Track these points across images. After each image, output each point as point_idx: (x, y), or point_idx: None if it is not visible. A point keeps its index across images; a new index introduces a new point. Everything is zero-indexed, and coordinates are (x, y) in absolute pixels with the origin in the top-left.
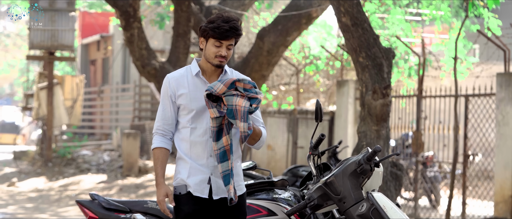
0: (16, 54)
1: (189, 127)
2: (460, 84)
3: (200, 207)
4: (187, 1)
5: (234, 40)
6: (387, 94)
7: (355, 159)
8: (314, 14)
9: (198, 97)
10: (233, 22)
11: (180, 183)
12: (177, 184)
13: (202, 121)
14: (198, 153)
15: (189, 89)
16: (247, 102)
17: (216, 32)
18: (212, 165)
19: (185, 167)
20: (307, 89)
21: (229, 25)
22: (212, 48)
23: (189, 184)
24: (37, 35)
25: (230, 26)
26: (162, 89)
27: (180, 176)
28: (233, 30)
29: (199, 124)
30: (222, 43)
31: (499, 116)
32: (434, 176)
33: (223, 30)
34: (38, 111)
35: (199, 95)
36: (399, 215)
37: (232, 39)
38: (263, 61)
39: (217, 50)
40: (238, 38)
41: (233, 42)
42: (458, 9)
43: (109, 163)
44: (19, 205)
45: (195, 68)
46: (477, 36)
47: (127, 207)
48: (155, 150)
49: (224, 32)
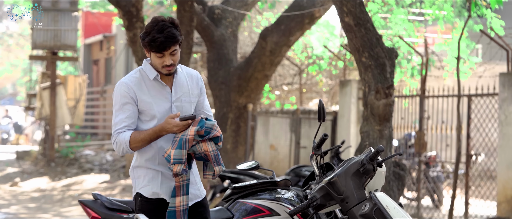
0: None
1: None
2: (463, 84)
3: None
4: (190, 1)
5: (177, 44)
6: (390, 94)
7: (358, 159)
8: (317, 14)
9: (161, 104)
10: (167, 30)
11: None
12: (147, 191)
13: None
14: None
15: (150, 94)
16: (212, 144)
17: (153, 46)
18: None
19: (156, 177)
20: (310, 89)
21: (164, 35)
22: (156, 59)
23: (164, 195)
24: (40, 35)
25: (166, 36)
26: (119, 94)
27: (151, 185)
28: (169, 39)
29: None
30: (163, 54)
31: (502, 116)
32: (437, 176)
33: (159, 43)
34: (41, 111)
35: (161, 99)
36: (402, 215)
37: (173, 46)
38: (266, 61)
39: (161, 61)
40: (180, 42)
41: (177, 47)
42: (461, 9)
43: (112, 163)
44: (21, 205)
45: (152, 72)
46: (480, 36)
47: (129, 207)
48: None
49: (160, 45)
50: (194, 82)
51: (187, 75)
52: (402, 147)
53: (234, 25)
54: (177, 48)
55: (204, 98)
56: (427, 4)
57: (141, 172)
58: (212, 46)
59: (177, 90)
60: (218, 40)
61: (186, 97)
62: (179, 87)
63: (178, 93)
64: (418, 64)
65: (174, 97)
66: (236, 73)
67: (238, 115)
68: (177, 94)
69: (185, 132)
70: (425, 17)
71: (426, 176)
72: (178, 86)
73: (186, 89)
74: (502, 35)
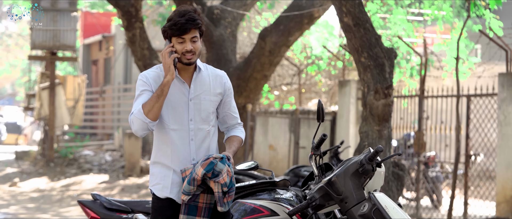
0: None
1: (169, 128)
2: (462, 84)
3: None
4: (189, 1)
5: (198, 31)
6: (389, 94)
7: (357, 159)
8: (316, 14)
9: (176, 96)
10: (189, 14)
11: (163, 189)
12: (157, 190)
13: (183, 123)
14: (180, 157)
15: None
16: (219, 186)
17: (174, 29)
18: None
19: (167, 175)
20: (309, 89)
21: (186, 18)
22: (177, 46)
23: (174, 194)
24: (39, 35)
25: (187, 19)
26: (138, 85)
27: (163, 183)
28: (190, 21)
29: (179, 126)
30: (184, 38)
31: (501, 116)
32: (436, 176)
33: (180, 25)
34: (40, 111)
35: (177, 94)
36: (401, 215)
37: (193, 31)
38: (265, 61)
39: (181, 46)
40: (201, 30)
41: (197, 34)
42: (460, 9)
43: (111, 163)
44: (21, 205)
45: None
46: (479, 36)
47: (129, 207)
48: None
49: (181, 26)
50: (218, 82)
51: (211, 74)
52: (401, 147)
53: (233, 25)
54: (197, 36)
55: (230, 99)
56: (426, 4)
57: (155, 169)
58: (211, 46)
59: (197, 87)
60: (217, 40)
61: (206, 95)
62: (200, 85)
63: (197, 91)
64: (417, 64)
65: (192, 94)
66: (235, 73)
67: None
68: (197, 91)
69: (194, 170)
70: (424, 17)
71: (425, 176)
72: (198, 83)
73: (207, 87)
74: (501, 35)
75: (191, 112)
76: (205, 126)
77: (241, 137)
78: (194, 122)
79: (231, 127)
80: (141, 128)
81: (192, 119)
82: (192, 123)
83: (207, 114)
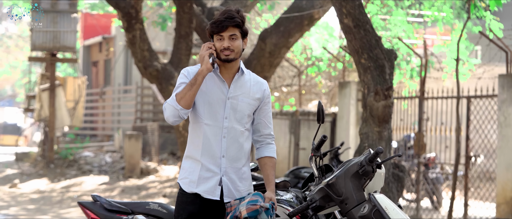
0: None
1: (203, 123)
2: (462, 86)
3: (208, 208)
4: (189, 3)
5: (238, 30)
6: (389, 95)
7: (357, 161)
8: (316, 15)
9: (214, 93)
10: (229, 12)
11: (190, 184)
12: (184, 184)
13: (217, 119)
14: (210, 152)
15: (206, 84)
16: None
17: (213, 26)
18: (225, 165)
19: (196, 169)
20: (309, 90)
21: (225, 16)
22: (216, 43)
23: (200, 189)
24: (39, 37)
25: (226, 17)
26: (180, 77)
27: (190, 177)
28: (228, 19)
29: (213, 122)
30: (222, 35)
31: (501, 117)
32: (436, 177)
33: (219, 22)
34: (40, 113)
35: (216, 91)
36: (401, 216)
37: (232, 29)
38: (265, 62)
39: (220, 44)
40: (240, 28)
41: (237, 31)
42: (460, 11)
43: (111, 165)
44: (21, 207)
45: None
46: (479, 38)
47: (129, 208)
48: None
49: (219, 24)
50: (259, 87)
51: (253, 79)
52: (402, 149)
53: None
54: (237, 34)
55: (267, 108)
56: (426, 5)
57: (185, 163)
58: None
59: (237, 88)
60: None
61: (245, 98)
62: (239, 86)
63: (237, 91)
64: (417, 66)
65: (231, 94)
66: None
67: None
68: (236, 91)
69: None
70: (424, 18)
71: (425, 178)
72: (238, 84)
73: (247, 90)
74: (501, 37)
75: (227, 110)
76: (239, 126)
77: (275, 158)
78: (228, 120)
79: (264, 143)
80: (172, 114)
81: (227, 117)
82: (226, 121)
83: (242, 115)
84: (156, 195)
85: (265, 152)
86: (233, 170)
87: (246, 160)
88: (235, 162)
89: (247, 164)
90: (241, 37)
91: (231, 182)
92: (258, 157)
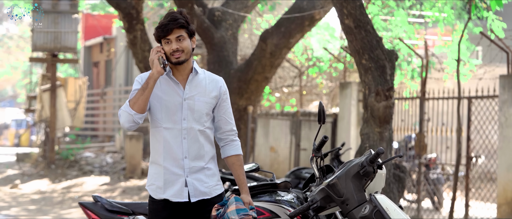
0: (19, 56)
1: (162, 127)
2: (463, 86)
3: (179, 211)
4: (190, 3)
5: (184, 30)
6: (390, 96)
7: (358, 161)
8: (317, 16)
9: (170, 96)
10: (172, 15)
11: (157, 190)
12: (152, 191)
13: (176, 121)
14: (172, 155)
15: (161, 88)
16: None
17: (159, 31)
18: (188, 166)
19: (160, 174)
20: (310, 91)
21: (168, 19)
22: (165, 47)
23: (167, 194)
24: (40, 37)
25: (169, 20)
26: (134, 84)
27: (156, 183)
28: (172, 22)
29: (172, 124)
30: (169, 39)
31: (502, 118)
32: (437, 178)
33: (163, 26)
34: (41, 113)
35: (171, 93)
36: (402, 217)
37: (177, 31)
38: (266, 63)
39: (168, 47)
40: (186, 28)
41: (183, 32)
42: (461, 11)
43: (112, 165)
44: (21, 207)
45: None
46: (480, 38)
47: (130, 209)
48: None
49: (164, 27)
50: (214, 85)
51: (208, 78)
52: (402, 149)
53: (234, 27)
54: (183, 35)
55: (226, 104)
56: (427, 6)
57: (150, 169)
58: (212, 48)
59: (192, 88)
60: (218, 42)
61: (200, 96)
62: (194, 86)
63: (192, 92)
64: (418, 66)
65: (187, 94)
66: (236, 75)
67: (238, 117)
68: (191, 92)
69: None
70: (425, 19)
71: (426, 178)
72: (193, 85)
73: (202, 89)
74: (502, 37)
75: (184, 112)
76: (198, 126)
77: (241, 155)
78: (187, 121)
79: (227, 140)
80: (127, 120)
81: (185, 118)
82: (185, 122)
83: (200, 115)
84: None
85: (230, 150)
86: (197, 170)
87: (210, 157)
88: (198, 161)
89: (211, 161)
90: (188, 37)
91: (197, 180)
92: (224, 156)
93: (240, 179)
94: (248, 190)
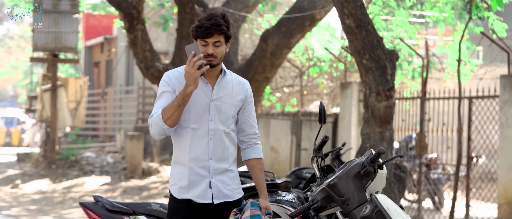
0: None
1: (189, 127)
2: (464, 86)
3: (200, 212)
4: (191, 3)
5: (223, 36)
6: (391, 96)
7: (358, 161)
8: (317, 16)
9: (199, 96)
10: (215, 18)
11: (180, 190)
12: (175, 190)
13: (202, 122)
14: (198, 155)
15: None
16: None
17: (198, 31)
18: (213, 168)
19: (184, 174)
20: (311, 91)
21: (211, 22)
22: (200, 48)
23: (191, 195)
24: (40, 37)
25: (212, 23)
26: (160, 84)
27: (180, 183)
28: (214, 26)
29: (198, 125)
30: (207, 41)
31: (503, 118)
32: (438, 178)
33: (204, 28)
34: (41, 113)
35: (200, 94)
36: (403, 217)
37: (217, 36)
38: (266, 63)
39: (204, 49)
40: (225, 34)
41: (222, 38)
42: (462, 11)
43: (113, 165)
44: (22, 207)
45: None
46: (480, 38)
47: (130, 209)
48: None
49: (205, 30)
50: (241, 88)
51: (235, 80)
52: (403, 149)
53: (235, 27)
54: (222, 41)
55: (250, 107)
56: (428, 6)
57: (174, 169)
58: None
59: (220, 89)
60: None
61: (228, 99)
62: (222, 88)
63: (220, 93)
64: (419, 66)
65: (215, 96)
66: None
67: None
68: (219, 93)
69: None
70: (426, 19)
71: (427, 178)
72: (221, 86)
73: (230, 91)
74: (503, 37)
75: (211, 113)
76: (224, 127)
77: (262, 159)
78: (213, 122)
79: (250, 143)
80: (159, 132)
81: (212, 119)
82: (212, 123)
83: (227, 116)
84: (157, 195)
85: (252, 153)
86: (222, 171)
87: (233, 160)
88: (223, 163)
89: (233, 164)
90: (225, 42)
91: (221, 182)
92: (245, 159)
93: (259, 182)
94: (266, 194)
